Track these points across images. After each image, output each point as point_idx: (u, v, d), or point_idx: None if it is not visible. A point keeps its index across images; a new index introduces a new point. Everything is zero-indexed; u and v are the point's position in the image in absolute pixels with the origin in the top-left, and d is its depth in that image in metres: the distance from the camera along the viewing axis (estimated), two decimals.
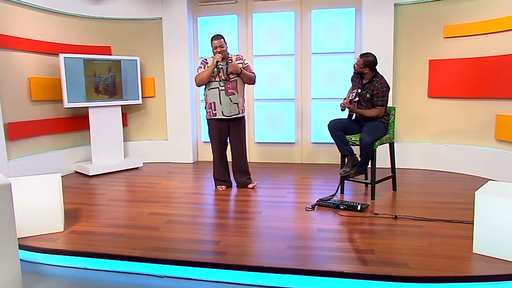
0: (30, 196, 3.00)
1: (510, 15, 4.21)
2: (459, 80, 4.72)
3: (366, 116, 3.84)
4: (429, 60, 4.92)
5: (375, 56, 3.77)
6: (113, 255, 2.70)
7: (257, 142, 5.71)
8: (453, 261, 2.51)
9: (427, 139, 5.09)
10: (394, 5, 4.93)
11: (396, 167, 4.12)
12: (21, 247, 2.80)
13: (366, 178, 4.09)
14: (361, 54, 3.81)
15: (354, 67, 3.87)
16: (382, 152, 4.18)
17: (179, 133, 5.72)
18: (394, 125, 4.00)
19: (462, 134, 4.80)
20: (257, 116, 5.64)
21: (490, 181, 2.91)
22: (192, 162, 5.76)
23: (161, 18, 5.57)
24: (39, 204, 3.04)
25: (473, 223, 2.62)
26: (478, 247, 2.59)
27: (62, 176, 4.86)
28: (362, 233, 3.05)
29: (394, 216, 3.31)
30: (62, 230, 3.13)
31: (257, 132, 5.67)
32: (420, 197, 3.91)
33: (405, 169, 5.04)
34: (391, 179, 4.09)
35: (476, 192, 2.58)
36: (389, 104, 4.88)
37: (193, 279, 2.53)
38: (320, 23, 5.29)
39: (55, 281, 2.61)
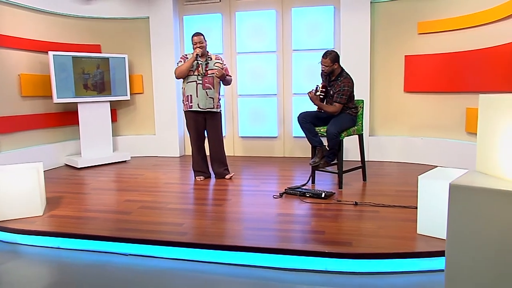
0: (11, 183, 3.22)
1: (480, 11, 4.34)
2: (433, 75, 4.87)
3: (324, 110, 3.98)
4: (405, 55, 5.07)
5: (334, 51, 3.94)
6: (83, 235, 2.92)
7: (241, 137, 5.91)
8: (396, 240, 2.68)
9: (403, 133, 5.24)
10: (371, 2, 5.09)
11: (373, 160, 4.28)
12: (0, 228, 3.05)
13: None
14: (323, 55, 3.90)
15: (323, 70, 3.96)
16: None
17: (166, 128, 5.94)
18: (362, 117, 4.16)
19: (436, 128, 4.94)
20: (241, 111, 5.84)
21: (438, 167, 3.06)
22: (179, 156, 5.98)
23: (148, 17, 5.81)
24: (20, 190, 3.25)
25: None
26: (421, 228, 2.76)
27: (52, 169, 5.17)
28: (319, 217, 3.22)
29: (354, 203, 3.47)
30: (41, 214, 3.35)
31: (241, 127, 5.87)
32: (386, 186, 4.06)
33: (382, 162, 5.19)
34: (362, 169, 4.25)
35: (419, 177, 2.75)
36: (366, 98, 5.09)
37: (154, 256, 2.74)
38: (301, 20, 5.47)
39: (30, 259, 2.84)
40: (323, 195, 3.62)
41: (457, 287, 1.88)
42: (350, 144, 4.91)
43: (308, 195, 3.69)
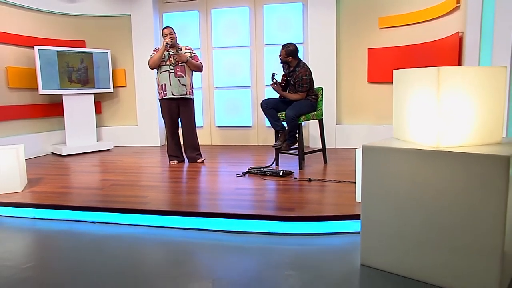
0: None
1: (434, 5, 4.68)
2: (393, 66, 5.17)
3: (289, 99, 4.32)
4: (368, 48, 5.42)
5: (295, 45, 4.27)
6: (56, 205, 3.24)
7: (218, 127, 6.25)
8: (334, 206, 3.00)
9: (368, 121, 5.57)
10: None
11: (340, 147, 4.60)
12: None
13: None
14: (283, 45, 4.28)
15: (279, 57, 4.34)
16: (328, 132, 4.67)
17: (147, 119, 6.29)
18: (322, 103, 4.49)
19: None
20: (217, 102, 6.18)
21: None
22: (159, 145, 6.32)
23: (130, 15, 6.16)
24: (0, 168, 3.58)
25: None
26: (359, 196, 3.05)
27: (38, 156, 5.50)
28: (272, 190, 3.54)
29: (308, 179, 3.79)
30: (21, 190, 3.67)
31: (217, 117, 6.21)
32: (344, 167, 4.38)
33: (348, 149, 5.50)
34: (322, 152, 4.58)
35: (356, 150, 3.07)
36: (333, 89, 5.42)
37: (119, 223, 3.05)
38: (272, 16, 5.84)
39: (7, 227, 3.15)
40: (281, 173, 3.95)
41: (369, 240, 2.15)
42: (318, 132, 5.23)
43: (268, 174, 4.01)
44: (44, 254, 2.59)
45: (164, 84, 4.58)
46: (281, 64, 4.45)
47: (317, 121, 4.54)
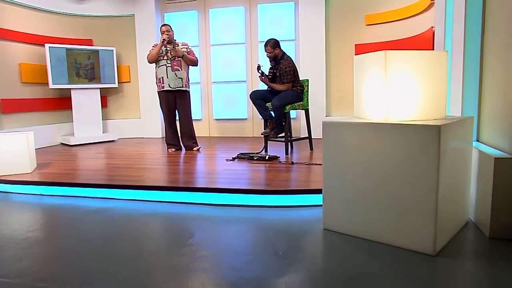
0: (5, 146, 3.95)
1: (414, 3, 4.98)
2: None
3: (276, 90, 4.66)
4: (355, 44, 5.72)
5: (275, 38, 4.63)
6: (60, 183, 3.62)
7: (216, 119, 6.61)
8: (309, 183, 3.30)
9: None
10: None
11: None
12: None
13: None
14: (265, 44, 4.62)
15: (268, 57, 4.68)
16: (318, 124, 5.00)
17: (150, 112, 6.68)
18: (308, 94, 4.81)
19: None
20: (215, 96, 6.55)
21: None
22: (161, 137, 6.70)
23: (133, 15, 6.57)
24: (12, 152, 3.98)
25: None
26: None
27: (48, 146, 5.93)
28: (256, 171, 3.87)
29: (291, 162, 4.12)
30: (30, 171, 4.08)
31: (215, 110, 6.58)
32: None
33: None
34: (309, 140, 4.90)
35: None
36: (323, 83, 5.74)
37: (116, 198, 3.41)
38: (266, 15, 6.19)
39: (18, 203, 3.53)
40: (267, 158, 4.28)
41: (330, 207, 2.41)
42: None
43: (255, 158, 4.35)
44: (47, 220, 2.95)
45: (162, 77, 4.96)
46: (270, 60, 4.80)
47: (304, 111, 4.86)
